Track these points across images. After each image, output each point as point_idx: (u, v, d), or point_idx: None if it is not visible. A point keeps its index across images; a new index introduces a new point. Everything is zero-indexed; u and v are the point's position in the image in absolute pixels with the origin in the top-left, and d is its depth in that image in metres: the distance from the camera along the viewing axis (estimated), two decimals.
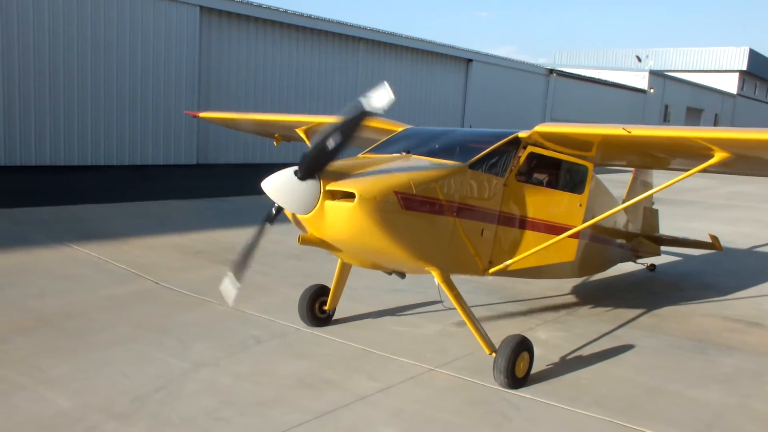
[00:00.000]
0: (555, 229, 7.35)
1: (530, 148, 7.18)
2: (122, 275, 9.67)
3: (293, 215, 5.88)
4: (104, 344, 6.90)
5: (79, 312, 7.91)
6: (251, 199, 16.11)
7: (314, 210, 5.65)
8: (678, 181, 6.81)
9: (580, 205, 7.58)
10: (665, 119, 66.40)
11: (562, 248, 7.27)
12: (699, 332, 8.45)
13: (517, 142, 7.13)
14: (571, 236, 7.18)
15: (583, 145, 7.33)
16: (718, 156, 6.53)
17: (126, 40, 23.94)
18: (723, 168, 7.51)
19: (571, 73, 52.72)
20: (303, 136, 9.38)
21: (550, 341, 7.73)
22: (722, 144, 6.34)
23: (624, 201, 10.29)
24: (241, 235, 12.88)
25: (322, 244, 6.09)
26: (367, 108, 5.51)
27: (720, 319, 9.12)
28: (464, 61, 40.05)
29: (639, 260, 11.15)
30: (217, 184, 21.41)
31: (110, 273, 9.77)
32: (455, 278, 6.74)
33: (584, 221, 7.48)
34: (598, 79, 56.23)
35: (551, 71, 49.22)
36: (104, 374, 6.15)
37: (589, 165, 7.73)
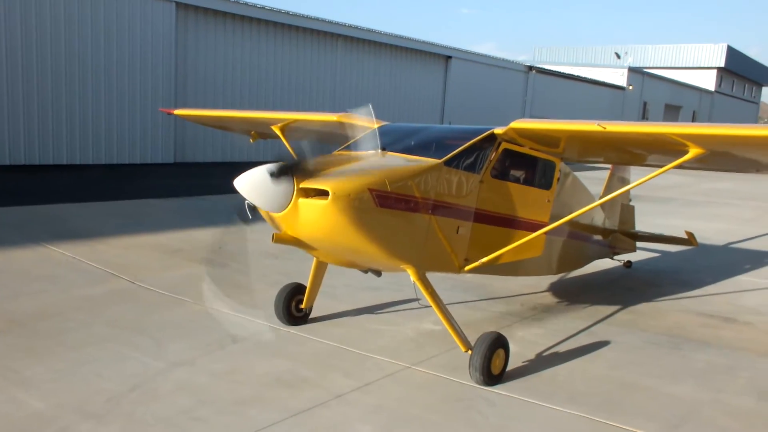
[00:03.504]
0: (527, 225, 7.45)
1: (504, 145, 7.19)
2: (98, 275, 9.59)
3: (268, 213, 5.85)
4: (79, 344, 6.83)
5: (54, 312, 7.83)
6: (229, 198, 16.01)
7: (288, 208, 5.63)
8: (653, 177, 6.86)
9: (548, 201, 7.68)
10: (644, 116, 66.81)
11: (530, 244, 7.30)
12: (675, 328, 8.52)
13: (492, 139, 7.13)
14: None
15: (559, 141, 7.36)
16: (693, 152, 6.57)
17: (101, 37, 23.66)
18: (699, 164, 7.58)
19: (550, 70, 52.91)
20: (279, 133, 9.33)
21: (526, 338, 7.75)
22: (696, 140, 6.38)
23: (601, 198, 10.34)
24: (219, 234, 12.95)
25: (297, 242, 6.06)
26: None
27: (695, 314, 9.20)
28: (443, 57, 40.04)
29: (615, 257, 11.21)
30: (195, 183, 21.27)
31: (86, 273, 9.68)
32: (432, 276, 6.74)
33: (559, 218, 7.51)
34: (577, 76, 56.46)
35: (530, 68, 49.37)
36: (79, 374, 6.09)
37: (557, 161, 7.81)
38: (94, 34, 23.49)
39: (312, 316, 7.90)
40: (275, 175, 5.56)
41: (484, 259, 7.00)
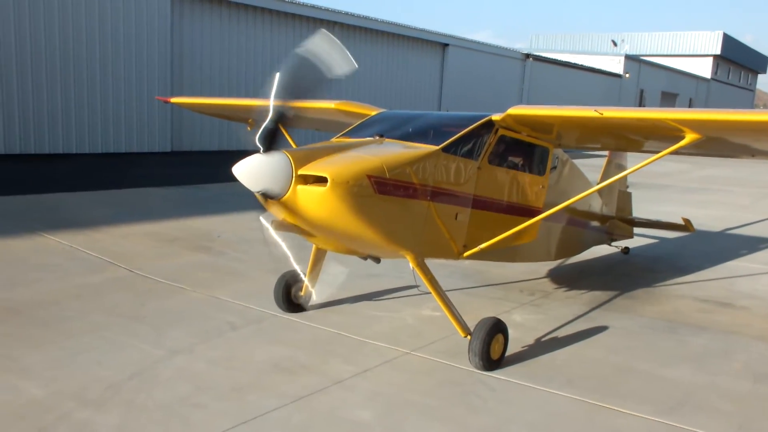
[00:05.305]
0: (523, 211, 7.49)
1: (501, 131, 7.20)
2: (95, 264, 9.58)
3: (266, 200, 5.85)
4: (77, 332, 6.83)
5: (51, 301, 7.83)
6: (227, 186, 16.03)
7: (287, 195, 5.63)
8: (649, 162, 6.87)
9: (543, 187, 7.73)
10: (640, 104, 66.75)
11: (525, 229, 7.32)
12: (671, 313, 8.55)
13: (490, 125, 7.13)
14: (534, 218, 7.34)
15: (556, 127, 7.36)
16: (689, 137, 6.59)
17: (95, 25, 23.48)
18: (695, 149, 7.59)
19: (547, 58, 52.78)
20: None
21: (525, 324, 7.78)
22: (692, 125, 6.40)
23: (598, 184, 10.36)
24: (217, 223, 12.97)
25: (296, 229, 6.06)
26: (327, 74, 5.56)
27: (692, 300, 9.23)
28: (440, 45, 39.94)
29: (613, 243, 11.24)
30: (192, 172, 21.24)
31: (83, 261, 9.67)
32: (431, 263, 6.75)
33: (556, 204, 7.51)
34: (574, 63, 56.37)
35: (527, 56, 49.26)
36: (77, 362, 6.10)
37: (550, 147, 7.84)
38: (89, 21, 23.31)
39: (311, 303, 7.91)
40: (264, 146, 5.61)
41: (483, 245, 7.00)
